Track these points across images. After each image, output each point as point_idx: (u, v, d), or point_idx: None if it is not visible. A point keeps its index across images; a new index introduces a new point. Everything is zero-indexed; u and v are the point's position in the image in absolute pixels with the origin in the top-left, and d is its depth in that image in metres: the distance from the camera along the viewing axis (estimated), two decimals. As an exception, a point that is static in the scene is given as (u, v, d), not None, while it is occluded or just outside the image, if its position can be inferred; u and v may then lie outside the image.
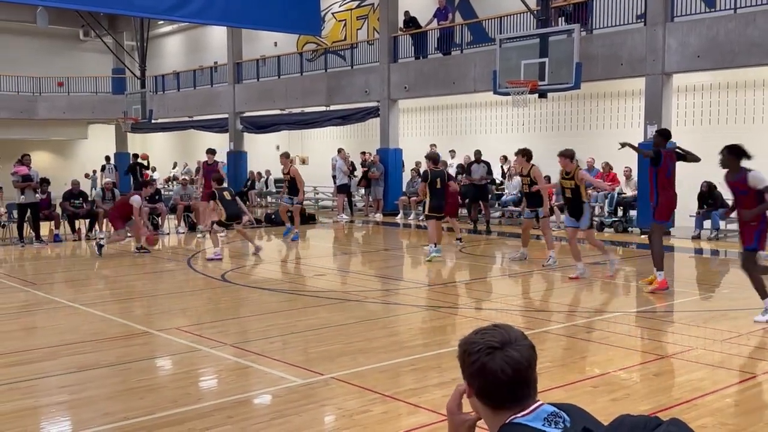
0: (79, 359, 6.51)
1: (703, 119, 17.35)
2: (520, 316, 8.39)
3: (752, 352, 6.67)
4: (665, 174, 9.52)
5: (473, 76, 19.67)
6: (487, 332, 1.94)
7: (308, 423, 4.90)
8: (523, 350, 1.89)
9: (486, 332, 1.94)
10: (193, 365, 6.45)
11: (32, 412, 5.20)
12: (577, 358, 6.49)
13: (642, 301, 9.35)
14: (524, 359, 1.88)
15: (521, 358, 1.88)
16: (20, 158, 15.48)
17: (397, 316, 8.55)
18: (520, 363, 1.87)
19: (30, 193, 15.04)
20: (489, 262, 13.17)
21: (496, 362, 1.87)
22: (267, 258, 13.35)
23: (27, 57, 33.81)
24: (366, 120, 23.73)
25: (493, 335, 1.92)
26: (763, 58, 14.47)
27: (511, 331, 1.94)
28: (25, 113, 32.75)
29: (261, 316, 8.38)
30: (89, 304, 9.07)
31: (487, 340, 1.91)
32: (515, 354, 1.87)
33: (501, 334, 1.92)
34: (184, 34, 35.06)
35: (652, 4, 15.96)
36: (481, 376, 1.90)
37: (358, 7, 26.28)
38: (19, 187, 14.97)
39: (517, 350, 1.88)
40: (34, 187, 15.07)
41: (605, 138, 19.14)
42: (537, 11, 17.08)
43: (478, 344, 1.92)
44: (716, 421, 4.81)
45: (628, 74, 16.68)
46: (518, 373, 1.87)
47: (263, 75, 27.41)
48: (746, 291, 8.48)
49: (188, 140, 34.59)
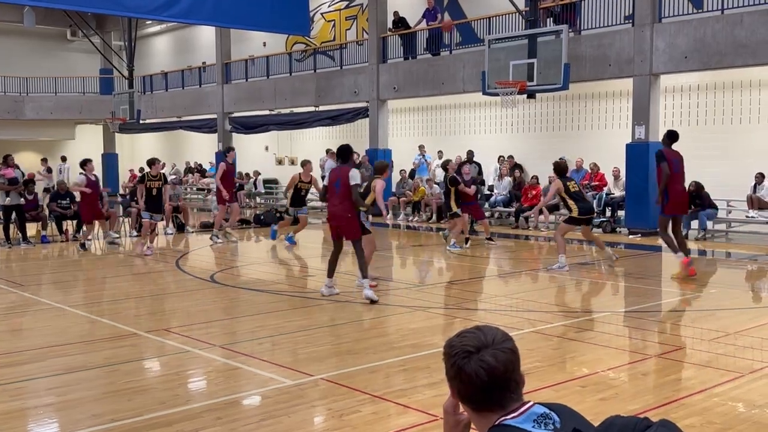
0: (67, 361, 6.47)
1: (691, 120, 17.43)
2: (509, 316, 8.41)
3: (739, 351, 6.71)
4: (673, 170, 10.41)
5: (462, 77, 19.70)
6: (467, 335, 1.94)
7: (298, 424, 4.89)
8: (500, 354, 1.88)
9: (465, 335, 1.94)
10: (181, 367, 6.42)
11: (20, 414, 5.16)
12: (566, 358, 6.50)
13: (630, 301, 9.39)
14: (500, 363, 1.87)
15: (496, 362, 1.87)
16: (4, 159, 15.42)
17: (387, 316, 8.55)
18: (495, 367, 1.86)
19: (15, 195, 14.98)
20: (479, 262, 13.18)
21: (471, 366, 1.87)
22: (256, 259, 13.32)
23: (14, 57, 33.59)
24: (355, 120, 23.72)
25: (471, 339, 1.92)
26: (750, 58, 14.56)
27: (489, 333, 1.93)
28: (12, 113, 32.55)
29: (250, 317, 8.36)
30: (77, 306, 9.02)
31: (465, 343, 1.91)
32: (489, 359, 1.87)
33: (478, 338, 1.91)
34: (173, 34, 34.93)
35: (639, 5, 16.03)
36: (458, 380, 1.91)
37: (347, 7, 26.27)
38: (3, 189, 14.95)
39: (492, 354, 1.87)
40: (19, 190, 15.02)
41: (593, 138, 19.25)
42: (525, 12, 17.12)
43: (455, 348, 1.92)
44: (704, 420, 4.84)
45: (616, 75, 16.75)
46: (493, 377, 1.86)
47: (252, 75, 27.35)
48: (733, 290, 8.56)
49: (177, 141, 34.47)
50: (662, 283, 10.13)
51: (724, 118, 16.86)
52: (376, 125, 22.30)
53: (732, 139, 16.64)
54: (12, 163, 15.25)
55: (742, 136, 16.55)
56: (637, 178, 16.12)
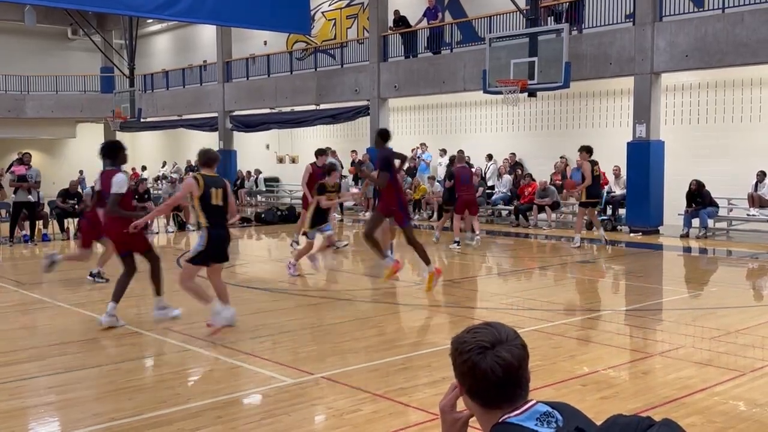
0: (68, 360, 6.48)
1: (692, 118, 17.42)
2: (510, 314, 8.40)
3: (740, 350, 6.70)
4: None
5: (463, 76, 19.68)
6: (479, 331, 1.92)
7: (298, 423, 4.89)
8: (514, 350, 1.88)
9: (478, 331, 1.93)
10: (182, 365, 6.42)
11: (20, 413, 5.16)
12: (567, 357, 6.50)
13: (631, 300, 9.39)
14: (515, 359, 1.87)
15: (512, 358, 1.86)
16: (20, 157, 15.55)
17: (387, 315, 8.55)
18: (511, 363, 1.86)
19: (23, 192, 15.01)
20: (478, 260, 13.18)
21: (486, 362, 1.86)
22: (257, 258, 13.31)
23: (15, 56, 33.58)
24: (356, 119, 23.71)
25: (485, 334, 1.90)
26: (750, 57, 14.54)
27: (502, 330, 1.92)
28: (13, 112, 32.54)
29: (251, 315, 8.35)
30: (78, 304, 9.02)
31: (479, 339, 1.90)
32: (506, 354, 1.86)
33: (492, 334, 1.90)
34: (174, 32, 34.92)
35: (640, 4, 16.01)
36: (471, 376, 1.89)
37: (348, 6, 26.25)
38: (13, 186, 15.03)
39: (507, 350, 1.87)
40: (27, 187, 15.03)
41: (594, 137, 19.19)
42: (526, 11, 17.10)
43: (469, 343, 1.90)
44: (705, 419, 4.83)
45: (617, 73, 16.73)
46: (509, 373, 1.86)
47: (253, 74, 27.33)
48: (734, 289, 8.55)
49: (177, 139, 34.46)
50: (663, 282, 10.12)
51: (725, 117, 16.84)
52: (377, 124, 22.25)
53: (733, 138, 16.63)
54: (27, 161, 15.35)
55: (742, 134, 16.53)
56: (637, 176, 16.11)
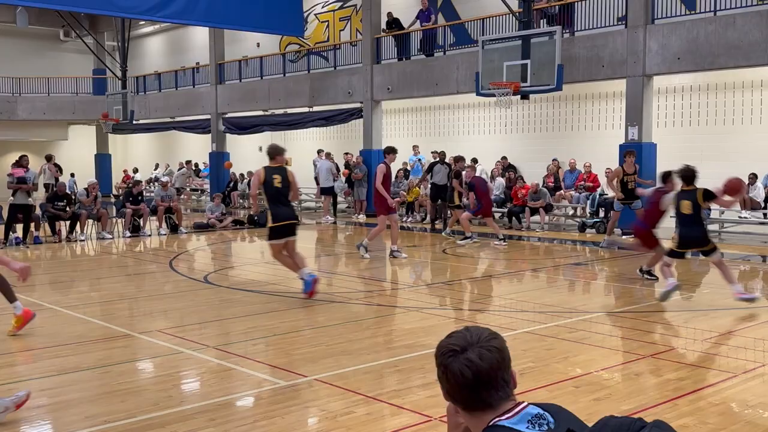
0: (60, 362, 6.45)
1: (684, 121, 17.49)
2: (503, 316, 8.42)
3: (732, 352, 6.73)
4: None
5: (456, 78, 19.72)
6: (454, 335, 1.96)
7: (291, 425, 4.88)
8: (484, 353, 1.89)
9: (452, 335, 1.96)
10: (175, 368, 6.41)
11: (12, 416, 5.14)
12: (560, 359, 6.51)
13: (624, 302, 9.41)
14: (484, 362, 1.88)
15: (480, 360, 1.87)
16: (18, 159, 15.59)
17: (381, 317, 8.55)
18: (479, 366, 1.87)
19: (22, 195, 15.00)
20: (473, 263, 13.19)
21: (455, 365, 1.89)
22: (249, 259, 13.30)
23: (6, 57, 33.47)
24: (349, 121, 23.72)
25: (457, 338, 1.93)
26: (742, 60, 14.62)
27: (476, 332, 1.94)
28: (5, 114, 32.44)
29: (244, 317, 8.34)
30: (70, 307, 8.99)
31: (451, 343, 1.93)
32: (474, 357, 1.88)
33: (464, 337, 1.92)
34: (166, 34, 34.87)
35: (632, 7, 16.08)
36: (445, 379, 1.92)
37: (341, 8, 26.27)
38: (11, 188, 15.04)
39: (477, 353, 1.88)
40: (27, 189, 15.03)
41: (587, 139, 19.30)
42: (519, 13, 17.15)
43: (443, 348, 1.94)
44: (697, 421, 4.85)
45: (610, 76, 16.79)
46: (478, 376, 1.87)
47: (246, 76, 27.32)
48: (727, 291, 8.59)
49: (170, 141, 34.41)
50: (655, 284, 10.14)
51: (716, 119, 16.92)
52: (370, 126, 22.30)
53: (725, 140, 16.70)
54: (25, 164, 15.38)
55: (734, 136, 16.61)
56: (630, 178, 16.13)
